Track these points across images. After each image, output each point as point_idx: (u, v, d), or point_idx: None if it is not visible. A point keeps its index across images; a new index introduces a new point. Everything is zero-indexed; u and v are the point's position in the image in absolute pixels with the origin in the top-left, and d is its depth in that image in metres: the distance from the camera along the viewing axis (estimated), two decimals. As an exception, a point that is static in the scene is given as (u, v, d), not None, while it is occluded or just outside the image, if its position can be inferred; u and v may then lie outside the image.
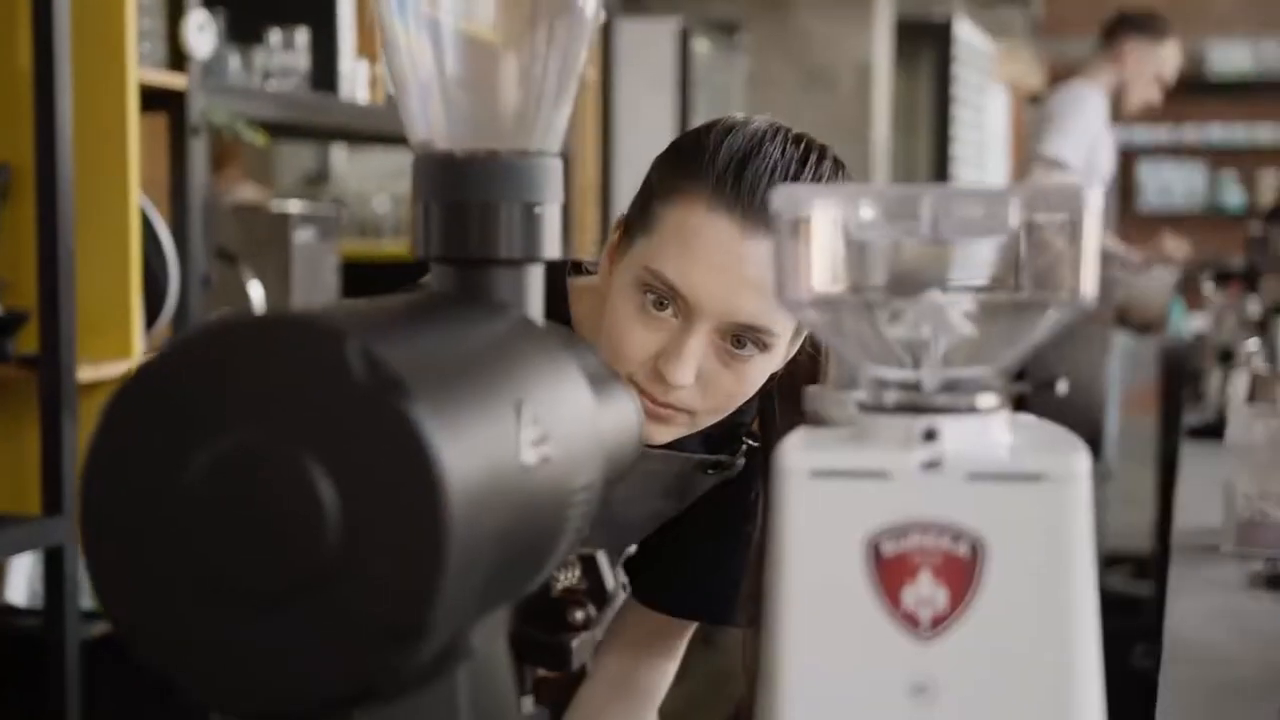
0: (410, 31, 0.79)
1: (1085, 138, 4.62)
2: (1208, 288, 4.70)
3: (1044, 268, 0.67)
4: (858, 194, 0.68)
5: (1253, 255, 4.11)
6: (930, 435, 0.66)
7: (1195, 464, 2.66)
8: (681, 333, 1.25)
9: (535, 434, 0.67)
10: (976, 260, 0.71)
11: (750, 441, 1.45)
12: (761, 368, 1.29)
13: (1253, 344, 2.98)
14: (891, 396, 0.68)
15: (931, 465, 0.66)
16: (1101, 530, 5.36)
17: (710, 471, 1.44)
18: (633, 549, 1.56)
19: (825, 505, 0.66)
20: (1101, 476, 5.65)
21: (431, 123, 0.79)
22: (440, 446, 0.58)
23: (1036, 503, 0.65)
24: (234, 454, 0.59)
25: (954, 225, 0.67)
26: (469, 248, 0.77)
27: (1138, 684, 1.77)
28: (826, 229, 0.68)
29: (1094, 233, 0.66)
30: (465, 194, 0.77)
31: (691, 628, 1.57)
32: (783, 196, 0.68)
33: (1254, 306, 4.15)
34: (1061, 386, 0.68)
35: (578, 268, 1.45)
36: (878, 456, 0.66)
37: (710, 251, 1.23)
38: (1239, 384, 2.83)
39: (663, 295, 1.25)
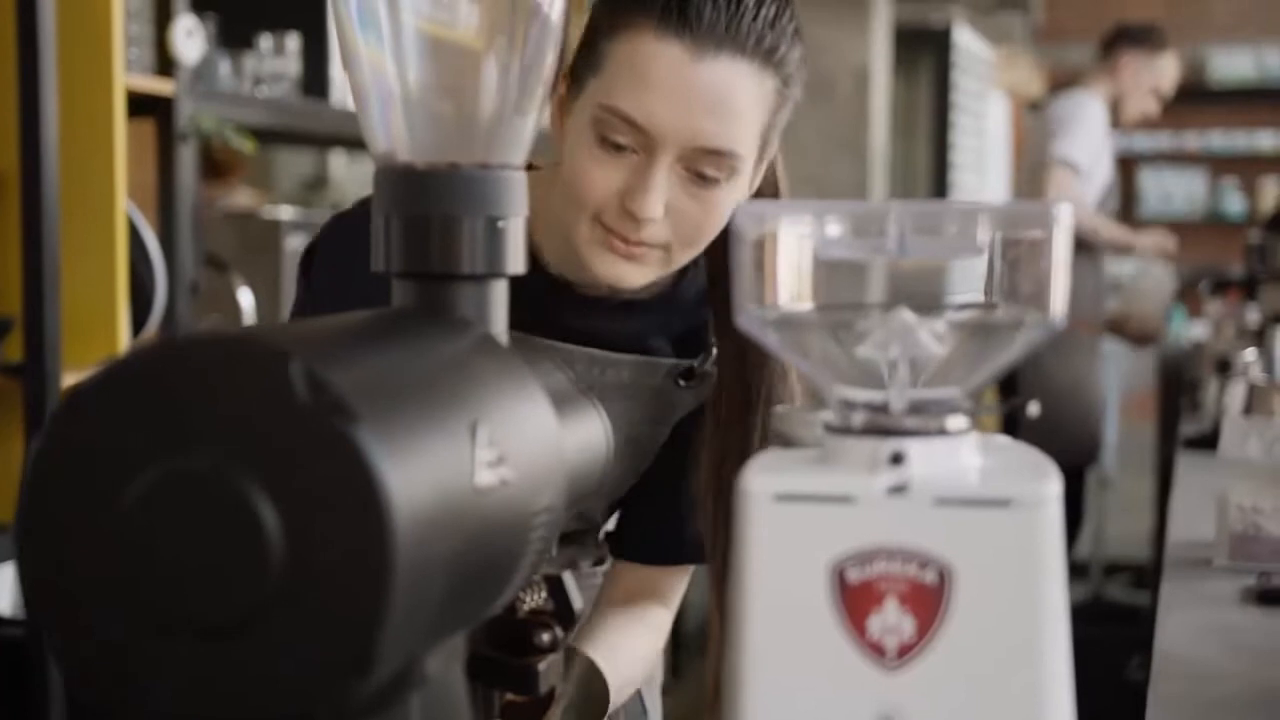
0: (370, 41, 0.77)
1: (1091, 142, 4.62)
2: (1206, 296, 4.68)
3: (1015, 287, 0.65)
4: (824, 210, 0.66)
5: (1251, 264, 4.09)
6: (897, 459, 0.64)
7: (1191, 474, 2.64)
8: (644, 166, 1.24)
9: (491, 455, 0.65)
10: (949, 277, 0.69)
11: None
12: (728, 195, 1.27)
13: (1250, 354, 2.96)
14: (859, 418, 0.66)
15: (898, 490, 0.64)
16: (1101, 538, 5.36)
17: (684, 384, 1.42)
18: (611, 522, 1.54)
19: (789, 530, 0.64)
20: (1100, 484, 5.64)
21: (392, 134, 0.77)
22: (386, 470, 0.56)
23: (1005, 529, 0.63)
24: (175, 478, 0.57)
25: (921, 243, 0.65)
26: (431, 262, 0.75)
27: (1132, 697, 1.75)
28: (791, 246, 0.66)
29: (1065, 251, 0.64)
30: (426, 207, 0.75)
31: (686, 570, 1.54)
32: (746, 213, 0.66)
33: (1253, 315, 4.13)
34: (1033, 409, 0.66)
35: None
36: (843, 481, 0.64)
37: (663, 78, 1.23)
38: (1236, 394, 2.81)
39: (620, 131, 1.24)
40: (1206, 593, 1.76)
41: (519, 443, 0.68)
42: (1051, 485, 0.64)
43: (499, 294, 0.77)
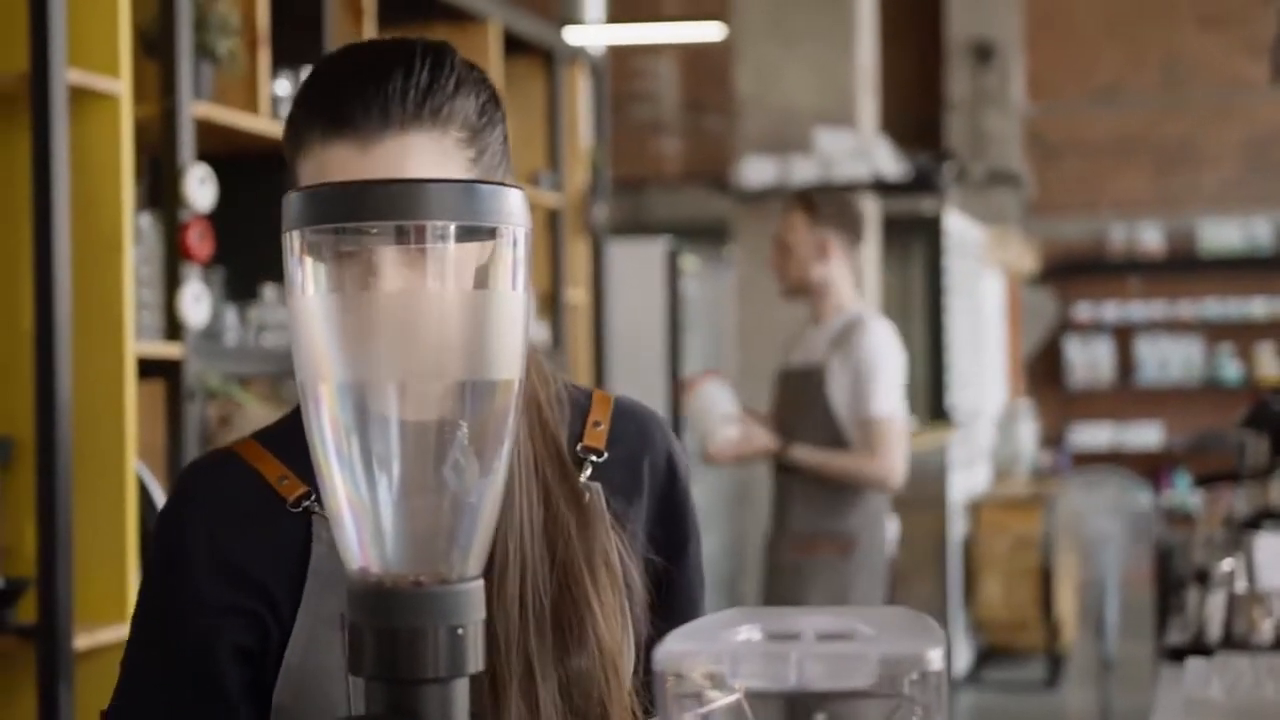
0: (345, 475, 0.88)
1: None
2: (1190, 489, 4.74)
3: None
4: (737, 653, 0.76)
5: (1236, 461, 4.16)
6: None
7: (1172, 693, 2.68)
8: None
9: None
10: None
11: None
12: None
13: (1228, 564, 3.01)
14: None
15: None
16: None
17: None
18: None
19: None
20: (1104, 666, 5.67)
21: (365, 553, 0.88)
22: None
23: None
24: None
25: (818, 676, 0.75)
26: (399, 669, 0.86)
27: None
28: (701, 679, 0.76)
29: (943, 686, 0.74)
30: (394, 620, 0.86)
31: None
32: (663, 654, 0.76)
33: (1242, 504, 4.19)
34: None
35: None
36: None
37: (336, 177, 1.23)
38: (1216, 605, 2.87)
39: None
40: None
41: None
42: None
43: (460, 692, 0.87)
